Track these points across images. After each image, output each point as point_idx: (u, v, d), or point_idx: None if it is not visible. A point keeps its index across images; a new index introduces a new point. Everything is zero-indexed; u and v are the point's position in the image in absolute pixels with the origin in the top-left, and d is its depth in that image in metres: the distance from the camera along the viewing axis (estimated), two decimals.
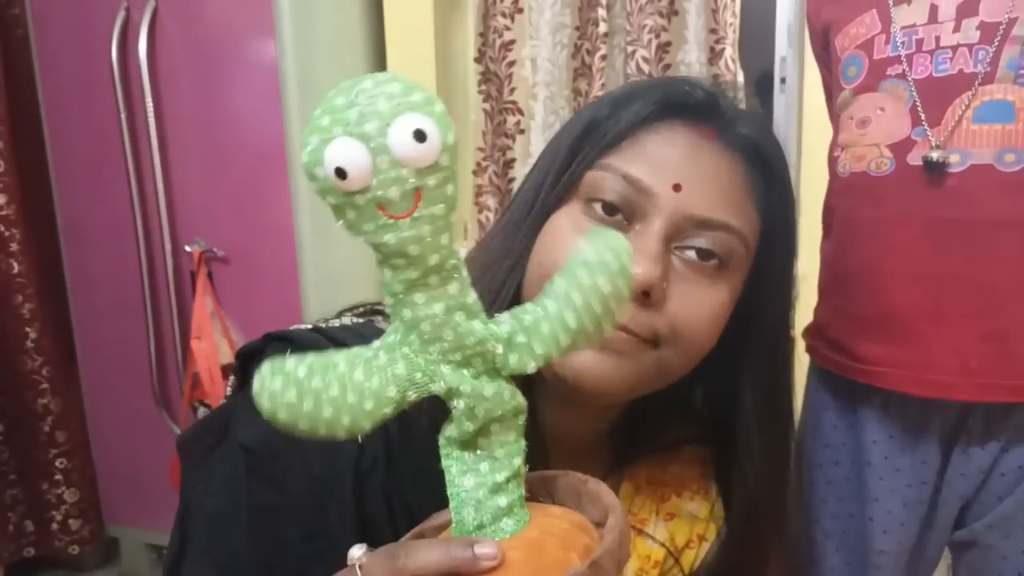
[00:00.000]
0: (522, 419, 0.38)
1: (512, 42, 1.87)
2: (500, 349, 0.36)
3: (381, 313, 0.60)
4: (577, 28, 1.86)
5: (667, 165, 0.50)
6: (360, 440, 0.51)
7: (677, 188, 0.49)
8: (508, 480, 0.38)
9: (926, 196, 0.73)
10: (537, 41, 1.86)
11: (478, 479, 0.38)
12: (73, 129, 1.90)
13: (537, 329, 0.37)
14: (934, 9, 0.72)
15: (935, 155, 0.71)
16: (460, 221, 2.00)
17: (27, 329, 1.96)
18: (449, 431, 0.38)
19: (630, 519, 0.61)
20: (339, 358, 0.36)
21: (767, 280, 0.54)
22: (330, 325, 0.58)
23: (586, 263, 0.36)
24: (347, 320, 0.60)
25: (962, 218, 0.72)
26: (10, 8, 1.93)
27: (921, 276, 0.75)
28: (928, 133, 0.72)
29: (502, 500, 0.38)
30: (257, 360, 0.37)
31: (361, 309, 0.61)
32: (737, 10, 1.73)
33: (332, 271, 1.84)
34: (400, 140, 0.31)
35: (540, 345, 0.36)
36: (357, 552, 0.40)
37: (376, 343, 0.37)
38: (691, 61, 1.76)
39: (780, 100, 1.87)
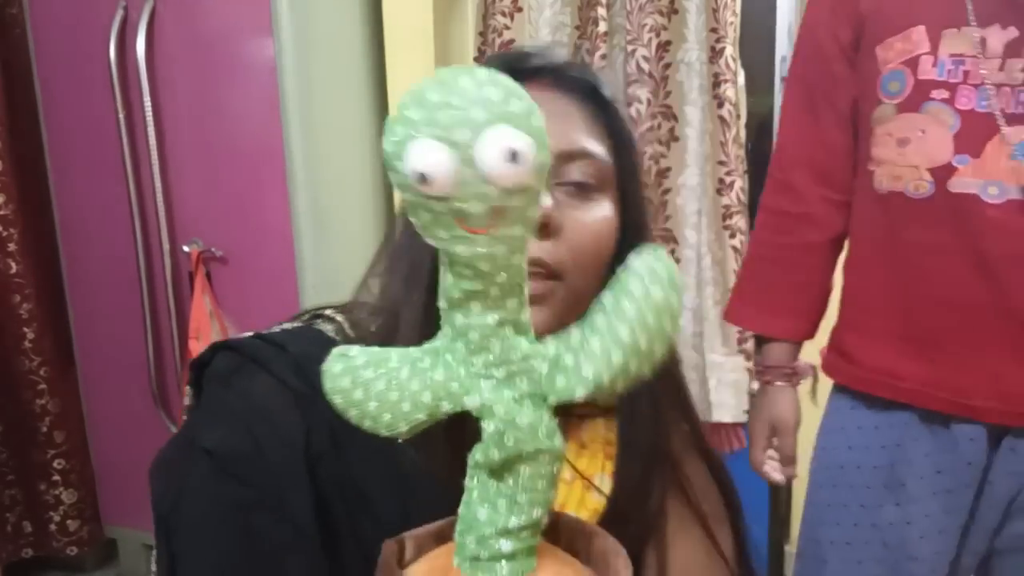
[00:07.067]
0: (556, 468, 0.35)
1: (512, 41, 1.86)
2: (545, 369, 0.34)
3: (322, 316, 0.61)
4: (577, 27, 1.85)
5: None
6: (306, 428, 0.52)
7: None
8: (521, 529, 0.35)
9: (966, 225, 0.75)
10: (537, 40, 1.86)
11: (491, 515, 0.35)
12: (71, 129, 1.89)
13: (586, 347, 0.34)
14: (983, 43, 0.73)
15: (978, 186, 0.74)
16: None
17: (25, 329, 1.96)
18: (476, 454, 0.35)
19: (578, 475, 0.61)
20: (393, 353, 0.35)
21: (630, 193, 0.60)
22: (271, 331, 0.59)
23: (635, 273, 0.34)
24: (288, 325, 0.61)
25: (1000, 249, 0.73)
26: (8, 7, 1.93)
27: (958, 302, 0.76)
28: (970, 162, 0.74)
29: (507, 545, 0.35)
30: (205, 371, 0.37)
31: (306, 316, 0.62)
32: (738, 9, 1.72)
33: (330, 271, 1.83)
34: (490, 156, 0.29)
35: (590, 366, 0.34)
36: None
37: (426, 344, 0.35)
38: (691, 60, 1.75)
39: (780, 99, 1.87)
